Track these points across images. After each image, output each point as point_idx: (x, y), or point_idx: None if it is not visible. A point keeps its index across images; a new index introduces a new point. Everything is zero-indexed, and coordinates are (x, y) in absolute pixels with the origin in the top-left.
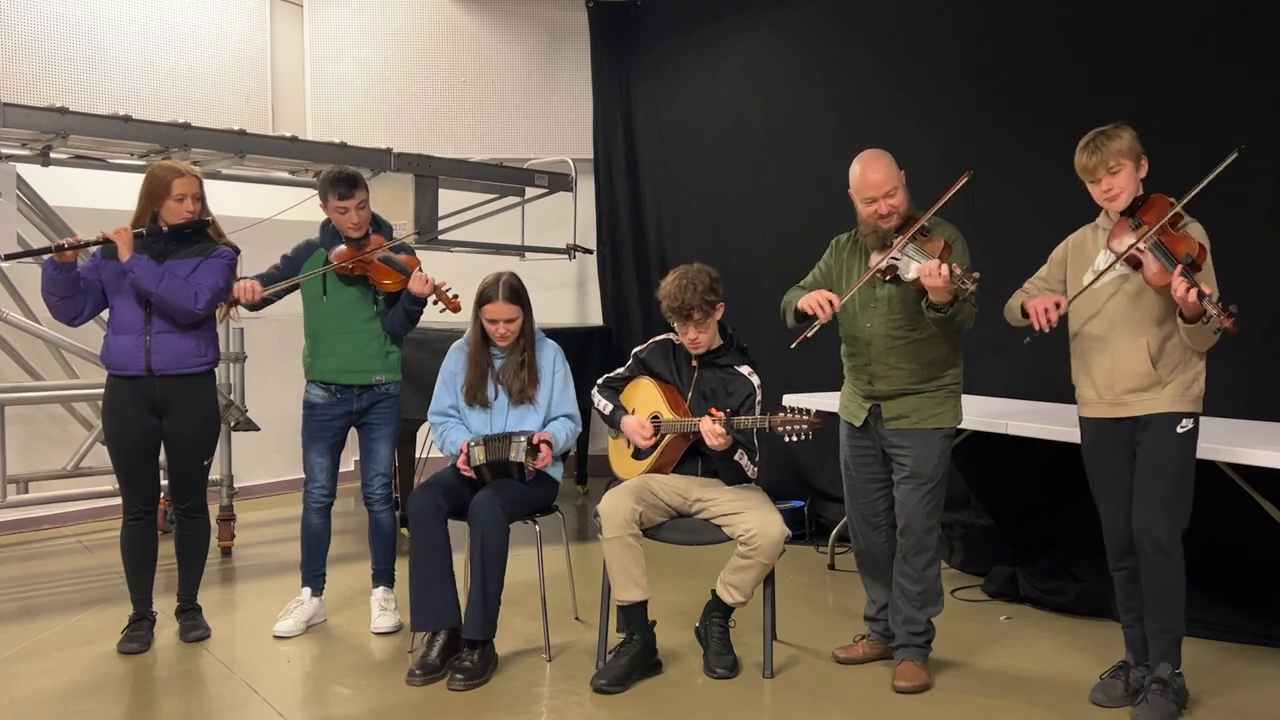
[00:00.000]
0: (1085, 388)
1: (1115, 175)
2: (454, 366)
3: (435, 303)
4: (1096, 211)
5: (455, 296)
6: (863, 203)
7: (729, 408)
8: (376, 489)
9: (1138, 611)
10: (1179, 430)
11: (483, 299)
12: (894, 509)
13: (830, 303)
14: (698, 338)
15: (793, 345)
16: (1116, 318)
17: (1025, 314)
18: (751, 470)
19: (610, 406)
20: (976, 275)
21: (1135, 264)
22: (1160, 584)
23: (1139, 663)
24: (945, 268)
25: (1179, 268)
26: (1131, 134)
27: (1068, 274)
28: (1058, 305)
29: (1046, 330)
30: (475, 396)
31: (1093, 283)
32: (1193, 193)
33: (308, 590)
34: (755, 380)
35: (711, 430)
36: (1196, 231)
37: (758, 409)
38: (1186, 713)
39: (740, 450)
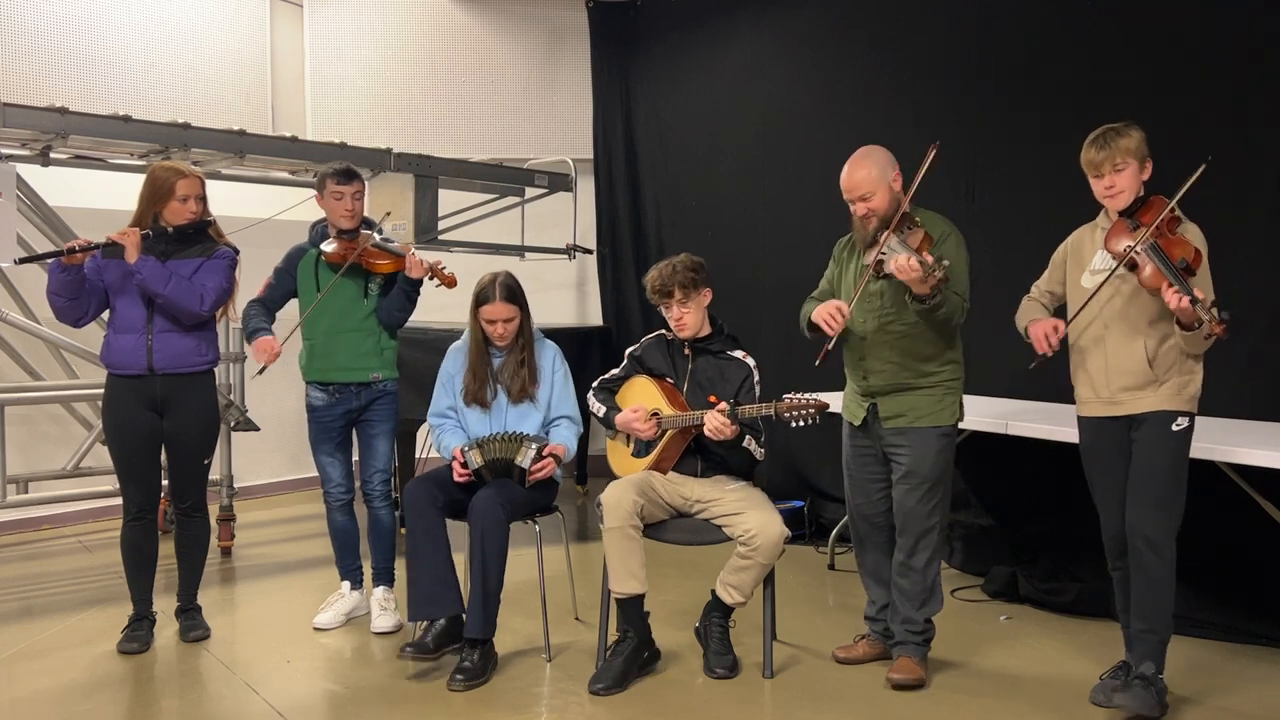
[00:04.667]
0: (1083, 387)
1: (1119, 173)
2: (452, 368)
3: (431, 279)
4: (1097, 210)
5: (450, 273)
6: (847, 200)
7: (728, 394)
8: (376, 485)
9: None
10: (1174, 429)
11: (480, 300)
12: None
13: (840, 311)
14: (682, 317)
15: (817, 363)
16: (1113, 318)
17: (1027, 335)
18: (759, 452)
19: (604, 409)
20: (946, 262)
21: (1132, 265)
22: (1149, 582)
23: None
24: (915, 258)
25: (1172, 274)
26: (1141, 135)
27: (1067, 275)
28: (1056, 329)
29: (1050, 355)
30: (475, 397)
31: (1095, 293)
32: (1175, 198)
33: (347, 584)
34: (751, 362)
35: (716, 426)
36: (1194, 235)
37: (757, 389)
38: (1178, 712)
39: (747, 436)
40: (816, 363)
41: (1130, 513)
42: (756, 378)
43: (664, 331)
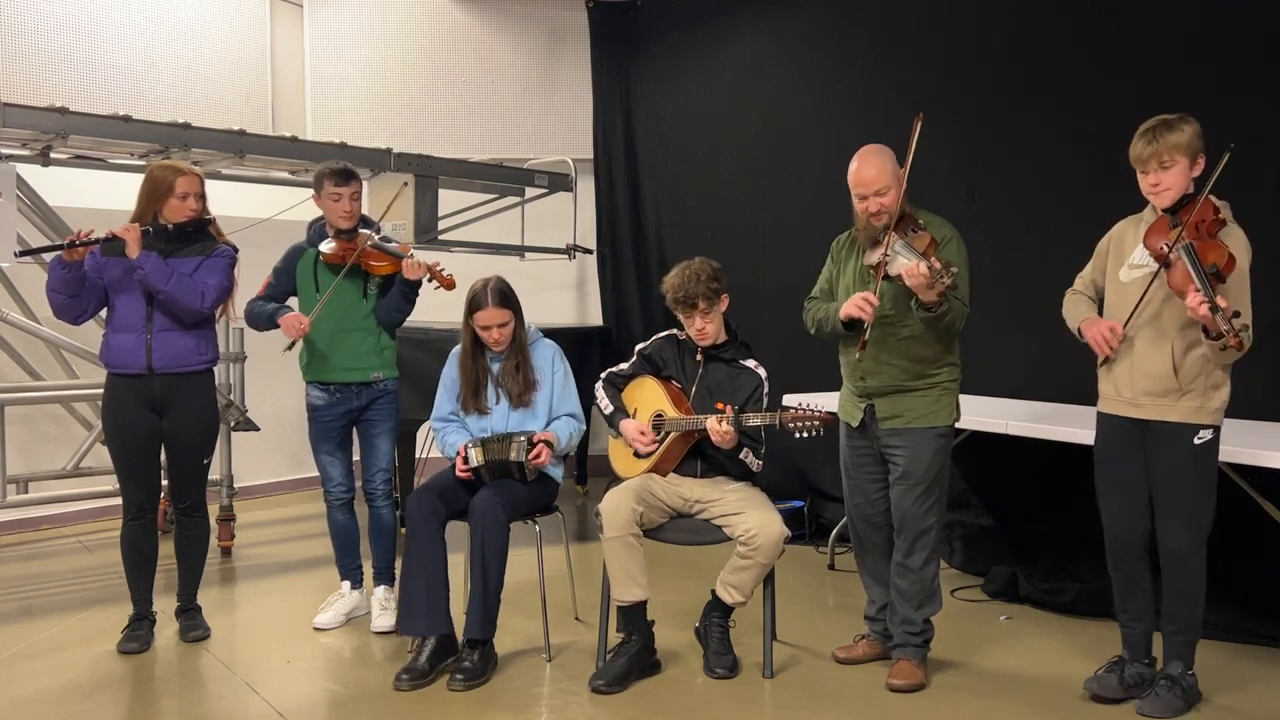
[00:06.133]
0: (1106, 384)
1: (1166, 170)
2: (454, 373)
3: (430, 280)
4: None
5: (449, 275)
6: (856, 198)
7: (736, 402)
8: (378, 485)
9: (1134, 611)
10: (1196, 442)
11: (473, 306)
12: None
13: (868, 301)
14: (705, 328)
15: (857, 355)
16: (1144, 319)
17: (1081, 335)
18: (756, 465)
19: (611, 407)
20: (954, 269)
21: (1167, 265)
22: (1178, 590)
23: (1134, 659)
24: (924, 264)
25: (1200, 278)
26: (1194, 128)
27: (1107, 266)
28: (1114, 331)
29: (1112, 356)
30: (475, 405)
31: (1143, 294)
32: (1201, 195)
33: (347, 584)
34: (762, 373)
35: (718, 430)
36: (1236, 240)
37: (765, 401)
38: (1194, 711)
39: (745, 449)
40: (856, 355)
41: (1158, 526)
42: (765, 389)
43: (675, 331)
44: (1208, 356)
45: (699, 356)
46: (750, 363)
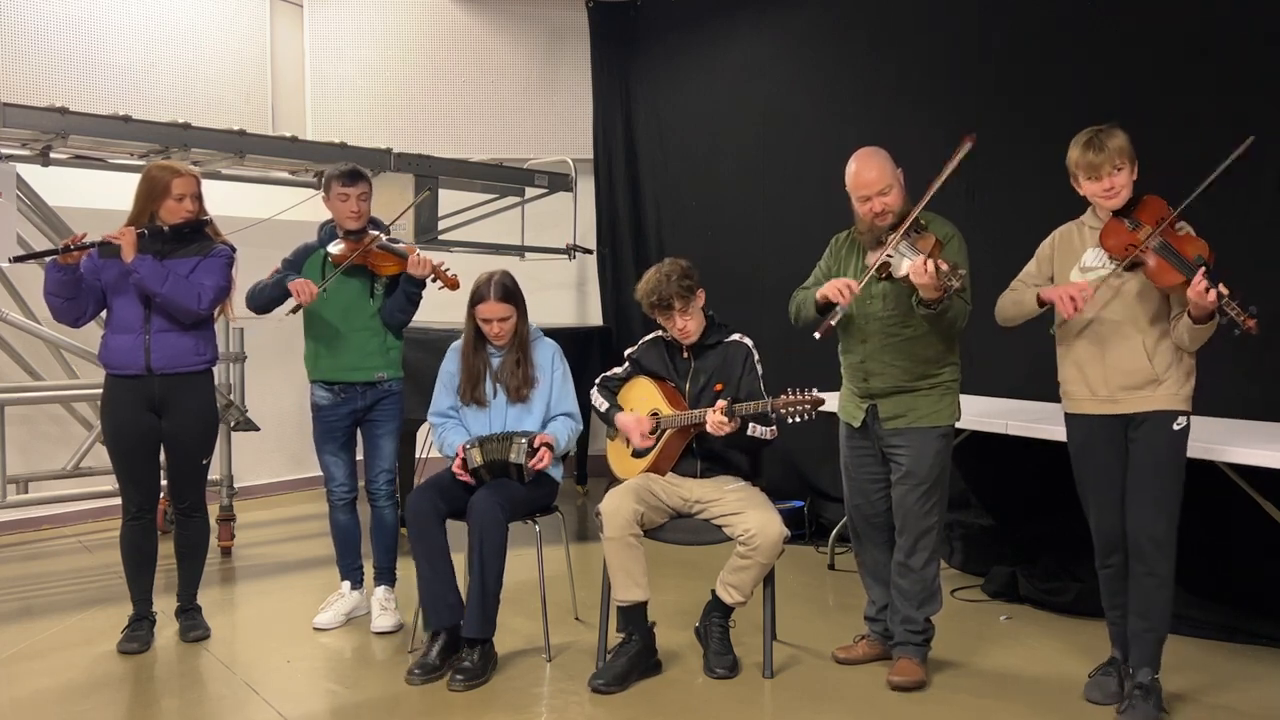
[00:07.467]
0: (1074, 384)
1: (1119, 173)
2: (452, 367)
3: (434, 281)
4: None
5: (453, 275)
6: (858, 200)
7: (734, 378)
8: (381, 485)
9: (1124, 608)
10: (1175, 428)
11: (476, 298)
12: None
13: (849, 288)
14: (686, 326)
15: (817, 335)
16: (1111, 316)
17: (1042, 304)
18: (769, 432)
19: (606, 405)
20: (963, 272)
21: (1134, 264)
22: (1155, 582)
23: (1127, 659)
24: (931, 264)
25: (1201, 269)
26: (1127, 135)
27: (1055, 270)
28: (1082, 290)
29: (1078, 314)
30: (472, 395)
31: (1094, 291)
32: (1206, 183)
33: (347, 584)
34: (748, 341)
35: (715, 422)
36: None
37: (760, 368)
38: (1177, 711)
39: (749, 424)
40: (817, 335)
41: (1134, 514)
42: (756, 356)
43: (660, 333)
44: (1182, 345)
45: (686, 354)
46: (734, 336)
